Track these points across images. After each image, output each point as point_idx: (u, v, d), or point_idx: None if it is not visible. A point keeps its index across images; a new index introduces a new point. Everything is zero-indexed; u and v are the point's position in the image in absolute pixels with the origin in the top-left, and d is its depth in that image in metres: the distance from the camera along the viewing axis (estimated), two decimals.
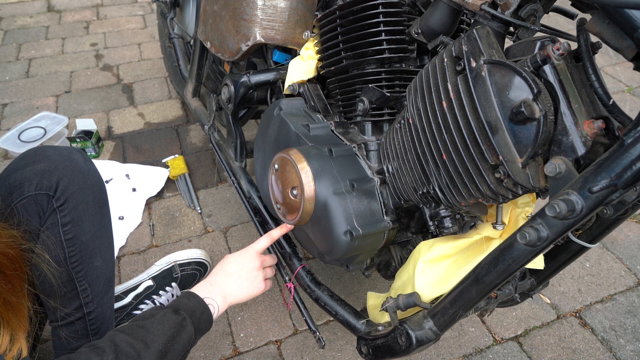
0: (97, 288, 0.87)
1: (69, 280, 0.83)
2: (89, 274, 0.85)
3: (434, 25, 0.75)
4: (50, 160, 0.81)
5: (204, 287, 0.84)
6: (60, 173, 0.80)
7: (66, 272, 0.83)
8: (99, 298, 0.88)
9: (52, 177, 0.79)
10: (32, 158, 0.82)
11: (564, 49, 0.56)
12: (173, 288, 1.21)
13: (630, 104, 2.09)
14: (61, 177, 0.80)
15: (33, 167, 0.80)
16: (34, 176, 0.79)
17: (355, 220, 0.75)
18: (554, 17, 2.37)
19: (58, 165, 0.81)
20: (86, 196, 0.83)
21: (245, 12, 1.02)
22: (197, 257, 1.27)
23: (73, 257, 0.83)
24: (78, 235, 0.83)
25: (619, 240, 1.49)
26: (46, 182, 0.79)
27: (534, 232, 0.54)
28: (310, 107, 0.94)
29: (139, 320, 0.74)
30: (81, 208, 0.83)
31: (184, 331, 0.74)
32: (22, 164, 0.81)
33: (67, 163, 0.82)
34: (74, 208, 0.81)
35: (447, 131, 0.63)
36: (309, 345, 1.19)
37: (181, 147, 1.80)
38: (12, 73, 2.16)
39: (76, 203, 0.82)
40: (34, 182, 0.78)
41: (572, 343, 1.22)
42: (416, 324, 0.72)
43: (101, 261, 0.87)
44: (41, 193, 0.79)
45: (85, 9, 2.71)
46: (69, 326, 0.86)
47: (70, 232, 0.82)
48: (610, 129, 0.59)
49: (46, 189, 0.79)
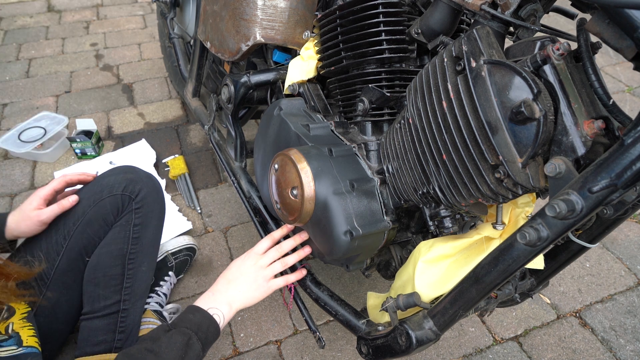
0: (137, 290, 0.97)
1: (120, 274, 0.94)
2: (136, 274, 0.96)
3: (434, 25, 0.75)
4: (137, 174, 1.00)
5: (207, 297, 0.86)
6: (143, 184, 0.98)
7: (121, 266, 0.94)
8: (135, 299, 0.96)
9: (137, 186, 0.97)
10: (125, 169, 1.01)
11: (564, 49, 0.56)
12: (170, 277, 1.27)
13: (630, 104, 2.09)
14: (142, 187, 0.98)
15: (125, 175, 0.98)
16: (124, 181, 0.97)
17: (355, 220, 0.75)
18: (554, 17, 2.37)
19: (142, 179, 0.99)
20: (155, 208, 1.00)
21: (245, 12, 1.02)
22: (185, 243, 1.33)
23: (132, 255, 0.96)
24: (142, 237, 0.97)
25: (619, 240, 1.49)
26: (132, 187, 0.97)
27: (534, 232, 0.54)
28: (310, 107, 0.94)
29: (148, 343, 0.76)
30: (150, 216, 0.98)
31: (192, 350, 0.77)
32: (115, 171, 1.00)
33: (149, 180, 1.01)
34: (146, 214, 0.97)
35: (447, 131, 0.63)
36: (309, 345, 1.19)
37: (181, 147, 1.80)
38: (12, 73, 2.16)
39: (147, 211, 0.98)
40: (122, 185, 0.96)
41: (572, 343, 1.22)
42: (416, 324, 0.72)
43: (147, 267, 0.99)
44: (126, 194, 0.96)
45: (85, 9, 2.72)
46: (101, 319, 0.93)
47: (138, 233, 0.96)
48: (610, 129, 0.59)
49: (130, 192, 0.96)
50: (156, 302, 1.19)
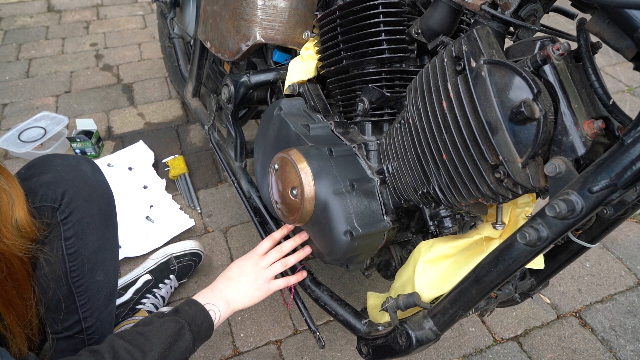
0: (97, 302, 0.85)
1: (68, 295, 0.81)
2: (90, 288, 0.83)
3: (434, 25, 0.74)
4: (56, 170, 0.79)
5: (206, 293, 0.85)
6: (66, 184, 0.78)
7: (66, 287, 0.80)
8: (98, 312, 0.86)
9: (58, 189, 0.77)
10: (39, 168, 0.80)
11: (564, 49, 0.55)
12: (171, 280, 1.24)
13: (630, 104, 2.09)
14: (67, 189, 0.78)
15: (39, 177, 0.78)
16: (39, 187, 0.77)
17: (355, 220, 0.75)
18: (554, 17, 2.37)
19: (64, 176, 0.78)
20: (91, 209, 0.81)
21: (245, 12, 1.02)
22: (191, 248, 1.29)
23: (74, 272, 0.80)
24: (80, 249, 0.80)
25: (619, 240, 1.49)
26: (51, 193, 0.77)
27: (534, 232, 0.54)
28: (310, 107, 0.94)
29: (140, 326, 0.74)
30: (85, 221, 0.80)
31: (182, 339, 0.74)
32: (28, 174, 0.79)
33: (74, 174, 0.80)
34: (78, 221, 0.79)
35: (447, 131, 0.63)
36: (309, 345, 1.19)
37: (181, 147, 1.80)
38: (12, 73, 2.16)
39: (81, 216, 0.79)
40: (39, 193, 0.76)
41: (572, 343, 1.22)
42: (416, 324, 0.72)
43: (103, 275, 0.85)
44: (46, 205, 0.76)
45: (85, 9, 2.71)
46: (67, 340, 0.85)
47: (73, 247, 0.79)
48: (610, 129, 0.59)
49: (51, 200, 0.77)
50: (152, 303, 1.18)
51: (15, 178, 0.72)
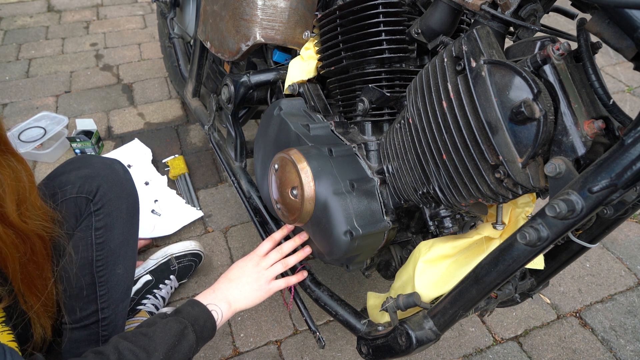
0: (115, 295, 0.90)
1: (90, 284, 0.86)
2: (110, 280, 0.88)
3: (434, 25, 0.74)
4: (93, 167, 0.87)
5: (208, 294, 0.85)
6: (101, 180, 0.85)
7: (90, 275, 0.86)
8: (115, 305, 0.90)
9: (93, 183, 0.85)
10: (78, 163, 0.87)
11: (564, 49, 0.55)
12: (172, 280, 1.24)
13: (630, 104, 2.09)
14: (101, 184, 0.85)
15: (78, 171, 0.85)
16: (78, 180, 0.84)
17: (355, 220, 0.75)
18: (554, 17, 2.37)
19: (100, 173, 0.86)
20: (121, 204, 0.88)
21: (245, 12, 1.02)
22: (192, 248, 1.29)
23: (99, 262, 0.86)
24: (108, 240, 0.86)
25: (619, 240, 1.49)
26: (87, 186, 0.84)
27: (534, 232, 0.54)
28: (310, 107, 0.94)
29: (143, 327, 0.75)
30: (115, 215, 0.87)
31: (185, 340, 0.76)
32: (68, 168, 0.87)
33: (108, 172, 0.87)
34: (109, 214, 0.86)
35: (447, 131, 0.63)
36: (309, 345, 1.19)
37: (181, 147, 1.80)
38: (12, 73, 2.16)
39: (111, 209, 0.86)
40: (76, 185, 0.84)
41: (572, 343, 1.22)
42: (416, 324, 0.72)
43: (123, 269, 0.90)
44: (82, 196, 0.84)
45: (85, 9, 2.71)
46: (82, 330, 0.88)
47: (102, 237, 0.86)
48: (610, 129, 0.59)
49: (87, 192, 0.84)
50: (152, 303, 1.18)
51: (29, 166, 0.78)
